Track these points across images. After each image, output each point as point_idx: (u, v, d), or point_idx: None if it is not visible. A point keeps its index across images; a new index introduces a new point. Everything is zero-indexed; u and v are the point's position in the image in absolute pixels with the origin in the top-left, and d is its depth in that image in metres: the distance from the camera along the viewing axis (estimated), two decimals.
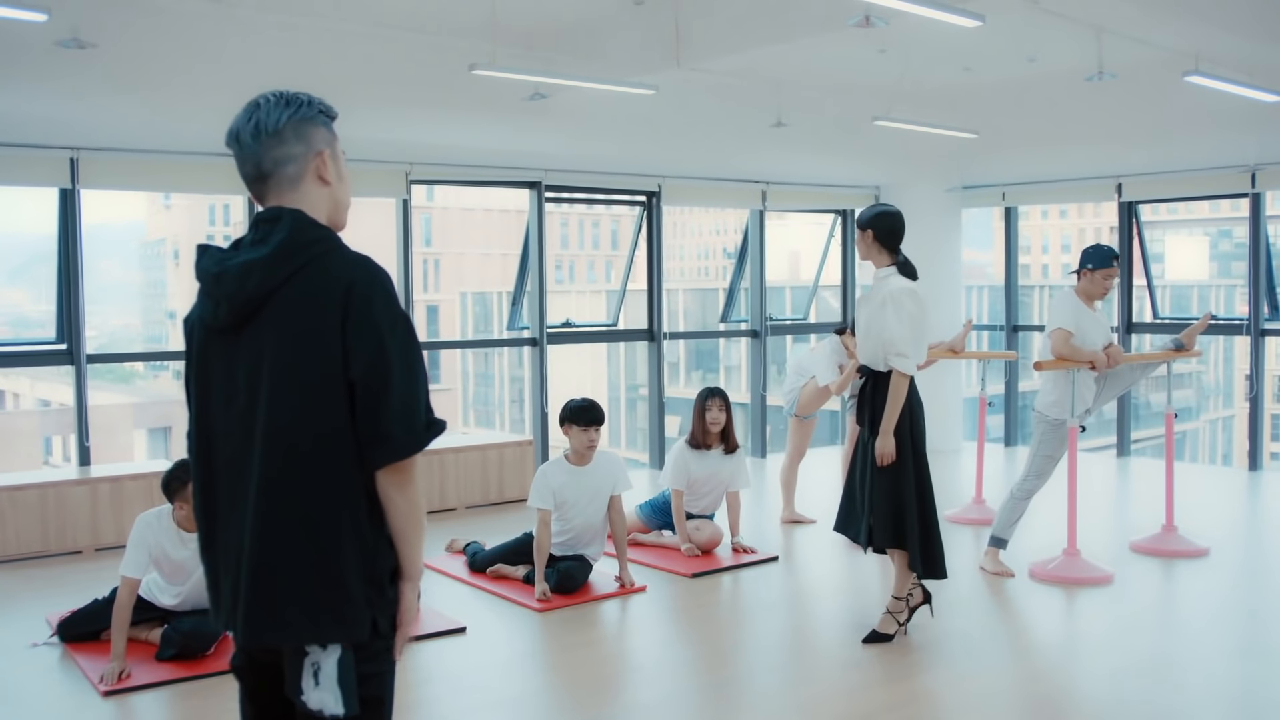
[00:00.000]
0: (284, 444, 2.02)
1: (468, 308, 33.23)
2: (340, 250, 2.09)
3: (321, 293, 2.02)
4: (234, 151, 2.14)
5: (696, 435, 6.46)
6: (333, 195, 2.17)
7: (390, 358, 2.02)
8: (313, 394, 2.01)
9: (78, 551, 6.61)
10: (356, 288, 2.02)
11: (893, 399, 4.70)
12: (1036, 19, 6.19)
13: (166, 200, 29.41)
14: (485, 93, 6.86)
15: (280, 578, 2.03)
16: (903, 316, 4.68)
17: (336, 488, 2.03)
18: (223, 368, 2.10)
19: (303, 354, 2.01)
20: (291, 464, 2.02)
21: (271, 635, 2.05)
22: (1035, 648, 4.95)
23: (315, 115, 2.15)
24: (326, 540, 2.03)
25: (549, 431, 9.09)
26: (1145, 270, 9.89)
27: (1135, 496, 8.58)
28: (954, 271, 10.65)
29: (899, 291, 4.71)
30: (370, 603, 2.07)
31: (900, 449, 4.73)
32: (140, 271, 33.44)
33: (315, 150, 2.14)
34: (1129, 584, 5.80)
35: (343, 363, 2.01)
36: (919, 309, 4.70)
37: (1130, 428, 10.15)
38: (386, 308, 2.04)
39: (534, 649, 5.04)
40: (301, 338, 2.01)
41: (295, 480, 2.02)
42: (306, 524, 2.02)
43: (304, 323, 2.01)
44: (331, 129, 2.19)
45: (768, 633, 5.22)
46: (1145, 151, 9.20)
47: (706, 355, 29.72)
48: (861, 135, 8.87)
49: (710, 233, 45.36)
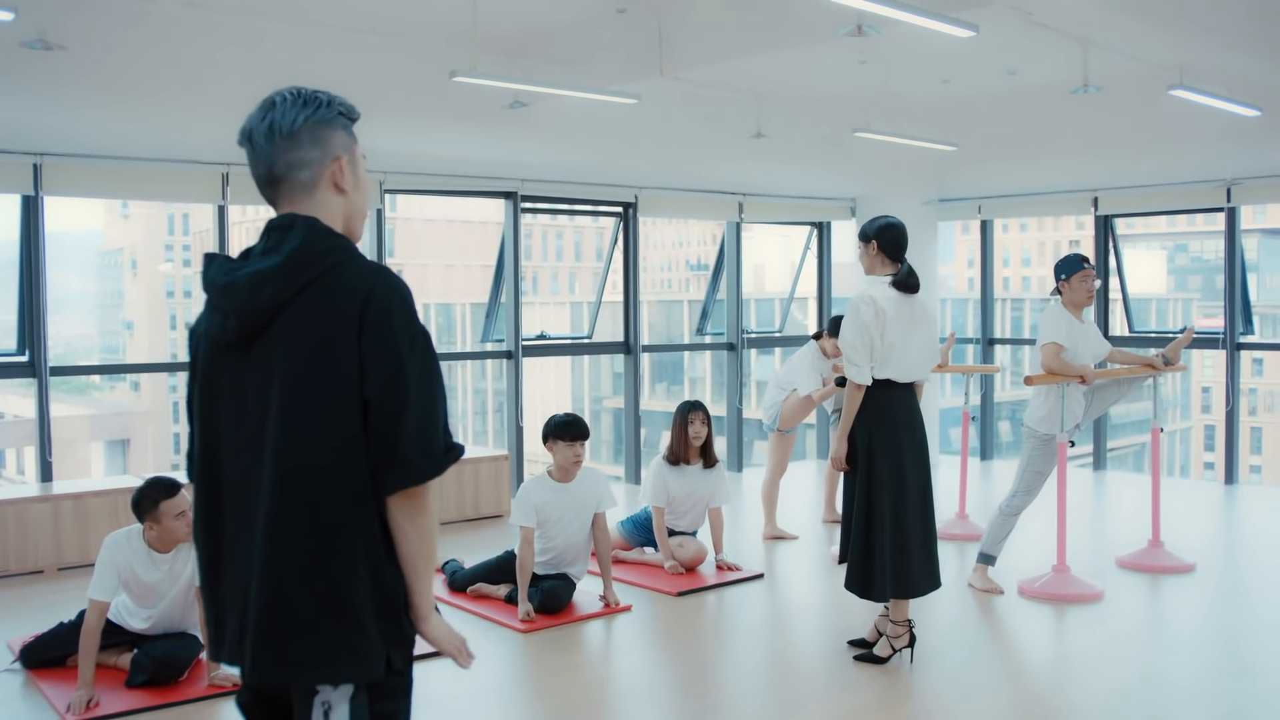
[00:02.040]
0: (296, 466, 1.87)
1: (431, 320, 32.97)
2: (357, 260, 1.95)
3: (336, 305, 1.88)
4: (246, 152, 2.01)
5: (677, 450, 6.34)
6: (349, 204, 2.04)
7: (408, 375, 1.88)
8: (327, 413, 1.87)
9: (39, 571, 6.39)
10: (374, 299, 1.88)
11: (844, 406, 4.67)
12: (1025, 31, 6.15)
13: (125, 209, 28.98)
14: (464, 101, 6.74)
15: (292, 611, 1.88)
16: (854, 324, 4.60)
17: (351, 513, 1.89)
18: (231, 384, 1.96)
19: (316, 370, 1.87)
20: (304, 488, 1.88)
21: (282, 675, 1.91)
22: (1029, 668, 4.87)
23: (334, 117, 2.02)
24: (340, 570, 1.89)
25: (524, 446, 8.95)
26: (1121, 284, 9.90)
27: (1117, 510, 8.56)
28: (930, 284, 10.59)
29: (857, 299, 4.65)
30: (386, 638, 1.94)
31: (856, 461, 4.64)
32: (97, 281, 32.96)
33: (332, 156, 2.01)
34: (1119, 601, 5.74)
35: (358, 379, 1.87)
36: (876, 318, 4.58)
37: (1106, 440, 10.15)
38: (406, 322, 1.90)
39: (518, 673, 4.89)
40: (315, 353, 1.87)
41: (308, 505, 1.88)
42: (319, 553, 1.88)
43: (318, 337, 1.87)
44: (351, 132, 2.06)
45: (755, 654, 5.10)
46: (1122, 165, 9.22)
47: (672, 368, 29.67)
48: (840, 147, 8.83)
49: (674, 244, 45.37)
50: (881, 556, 4.60)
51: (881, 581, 4.62)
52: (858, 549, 4.65)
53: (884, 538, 4.60)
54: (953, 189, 10.44)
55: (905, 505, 4.63)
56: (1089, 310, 5.98)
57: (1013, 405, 24.93)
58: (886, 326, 4.59)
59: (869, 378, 4.60)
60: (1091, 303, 5.82)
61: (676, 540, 6.36)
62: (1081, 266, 5.74)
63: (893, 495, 4.61)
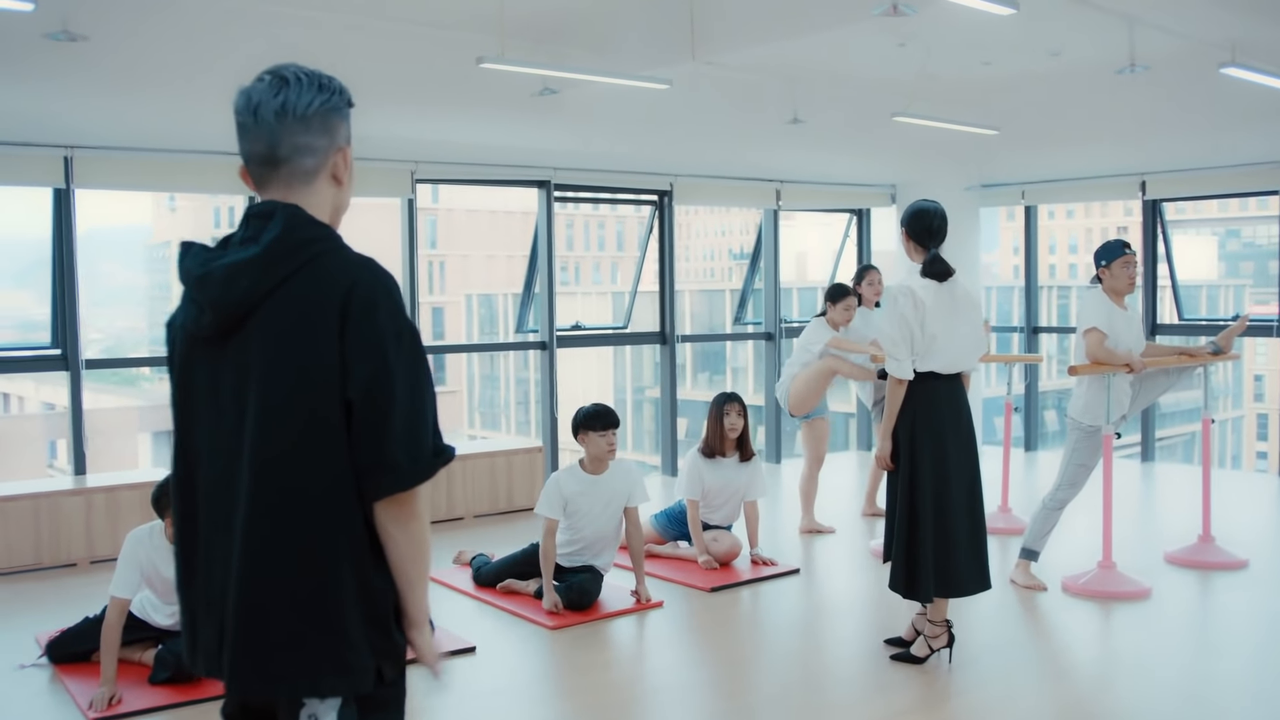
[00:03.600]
0: (274, 468, 1.77)
1: (473, 310, 33.11)
2: (341, 251, 1.84)
3: (318, 298, 1.77)
4: (245, 124, 1.88)
5: (712, 443, 6.21)
6: (341, 196, 1.94)
7: (394, 374, 1.76)
8: (307, 412, 1.76)
9: (72, 564, 6.39)
10: (358, 290, 1.77)
11: (887, 402, 4.51)
12: (1068, 9, 5.96)
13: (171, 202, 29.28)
14: (493, 88, 6.63)
15: (272, 621, 1.78)
16: (893, 316, 4.45)
17: (334, 517, 1.78)
18: (207, 380, 1.85)
19: (296, 367, 1.76)
20: (283, 490, 1.77)
21: (262, 687, 1.82)
22: (1072, 669, 4.69)
23: (344, 106, 1.93)
24: (323, 577, 1.78)
25: (559, 437, 8.86)
26: (1170, 271, 9.63)
27: (1165, 503, 8.33)
28: (972, 272, 10.37)
29: (895, 289, 4.50)
30: (375, 648, 1.83)
31: (899, 458, 4.49)
32: (146, 274, 33.37)
33: (337, 146, 1.91)
34: (1167, 598, 5.55)
35: (340, 378, 1.76)
36: (915, 310, 4.42)
37: (1155, 429, 9.88)
38: (391, 316, 1.79)
39: (547, 670, 4.80)
40: (294, 349, 1.76)
41: (287, 508, 1.77)
42: (300, 558, 1.78)
43: (297, 332, 1.76)
44: (349, 123, 1.96)
45: (790, 652, 4.97)
46: (1171, 148, 8.96)
47: (714, 357, 29.54)
48: (879, 132, 8.64)
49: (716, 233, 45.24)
50: (924, 555, 4.45)
51: (925, 581, 4.47)
52: (900, 548, 4.51)
53: (927, 536, 4.45)
54: (995, 174, 10.22)
55: (949, 502, 4.48)
56: (1134, 299, 5.78)
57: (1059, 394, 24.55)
58: (927, 317, 4.43)
59: (910, 371, 4.45)
60: (1133, 289, 5.60)
61: (711, 534, 6.24)
62: (1123, 252, 5.53)
63: (935, 492, 4.46)
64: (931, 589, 4.47)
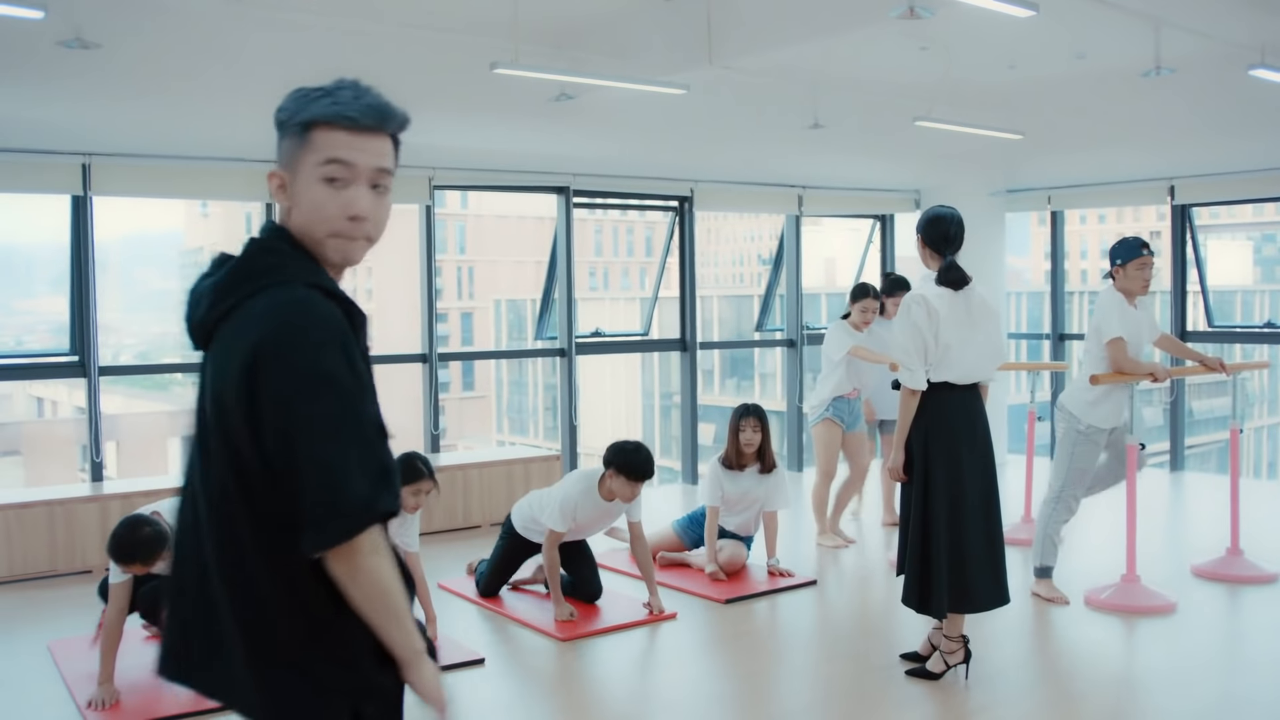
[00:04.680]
0: (217, 494, 1.71)
1: (501, 315, 33.20)
2: (280, 286, 1.71)
3: (241, 336, 1.68)
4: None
5: (730, 455, 6.13)
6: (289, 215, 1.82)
7: (301, 426, 1.62)
8: (230, 449, 1.69)
9: (87, 571, 6.38)
10: (268, 335, 1.66)
11: (900, 413, 4.42)
12: (1092, 11, 5.84)
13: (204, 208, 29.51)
14: (509, 94, 6.59)
15: (221, 642, 1.73)
16: (905, 325, 4.35)
17: (265, 559, 1.70)
18: (197, 396, 1.82)
19: (225, 400, 1.69)
20: (224, 519, 1.71)
21: (223, 699, 1.76)
22: (1094, 686, 4.57)
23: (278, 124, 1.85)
24: (268, 614, 1.71)
25: (577, 445, 8.80)
26: (1200, 277, 9.46)
27: (1193, 514, 8.17)
28: (998, 278, 10.25)
29: (908, 299, 4.40)
30: (342, 688, 1.74)
31: (912, 470, 4.39)
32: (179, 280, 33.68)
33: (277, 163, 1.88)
34: (1193, 613, 5.41)
35: (251, 424, 1.66)
36: (929, 319, 4.33)
37: (1183, 437, 9.71)
38: (306, 362, 1.64)
39: (558, 683, 4.73)
40: (224, 383, 1.69)
41: (226, 546, 1.71)
42: (243, 596, 1.71)
43: (227, 368, 1.69)
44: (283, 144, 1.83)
45: (804, 666, 4.88)
46: (1200, 151, 8.79)
47: (741, 363, 29.43)
48: (901, 137, 8.53)
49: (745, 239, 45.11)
50: (939, 570, 4.35)
51: (939, 595, 4.37)
52: (914, 562, 4.41)
53: (941, 550, 4.34)
54: (1021, 179, 10.08)
55: (964, 515, 4.36)
56: (1149, 298, 5.62)
57: None
58: (941, 326, 4.33)
59: (924, 381, 4.35)
60: (1147, 293, 5.47)
61: (720, 543, 6.16)
62: (1140, 253, 5.36)
63: (950, 505, 4.35)
64: (946, 604, 4.37)
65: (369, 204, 1.77)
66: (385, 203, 1.82)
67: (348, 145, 1.75)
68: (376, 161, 1.78)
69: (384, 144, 1.79)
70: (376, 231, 1.81)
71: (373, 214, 1.78)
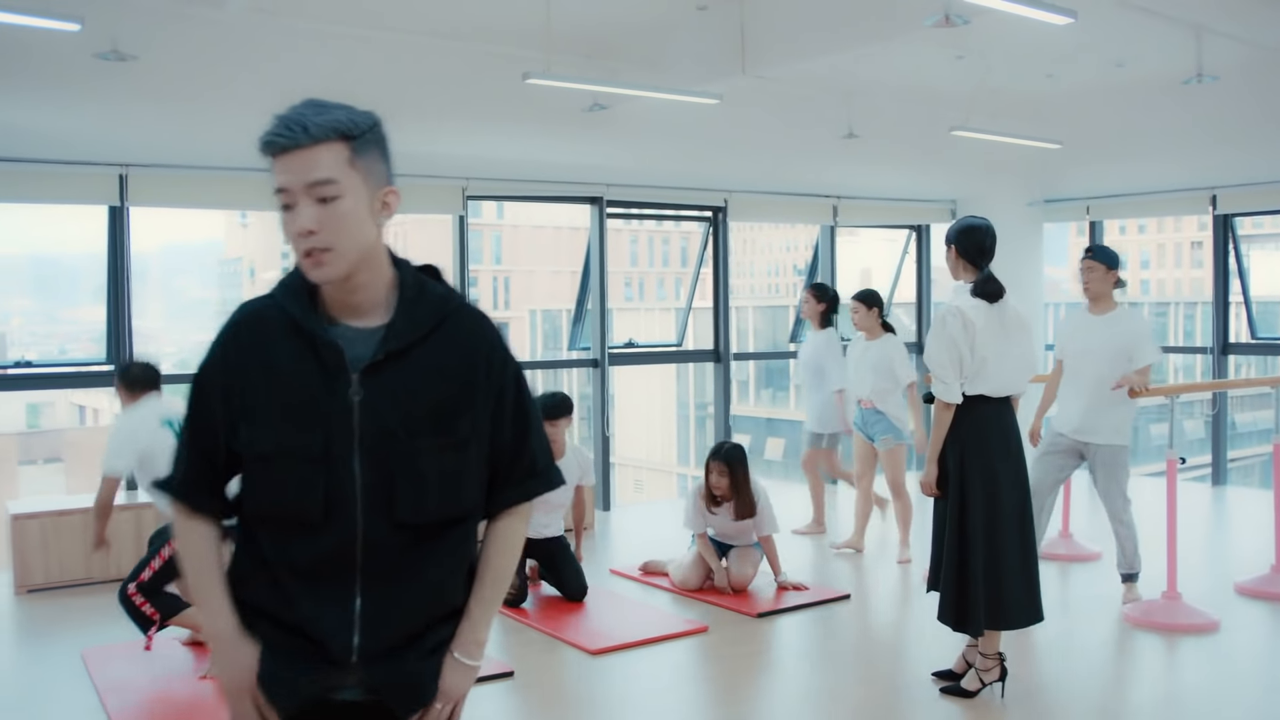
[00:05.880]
0: None
1: (537, 325, 33.25)
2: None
3: None
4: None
5: (705, 497, 6.05)
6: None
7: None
8: None
9: (120, 579, 6.40)
10: None
11: (933, 427, 4.34)
12: (1132, 18, 5.76)
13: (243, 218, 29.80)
14: (543, 104, 6.59)
15: None
16: (941, 339, 4.27)
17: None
18: None
19: None
20: None
21: None
22: (1134, 706, 4.48)
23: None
24: None
25: (610, 455, 8.77)
26: (1243, 288, 9.30)
27: (1236, 530, 8.01)
28: (1035, 289, 10.13)
29: (945, 312, 4.32)
30: None
31: (947, 484, 4.32)
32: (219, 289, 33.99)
33: None
34: (1236, 632, 5.29)
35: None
36: (964, 331, 4.26)
37: (1226, 450, 9.54)
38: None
39: (587, 696, 4.68)
40: None
41: None
42: None
43: None
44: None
45: (839, 683, 4.81)
46: (1242, 160, 8.65)
47: (777, 374, 29.30)
48: (937, 146, 8.45)
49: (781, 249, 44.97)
50: (975, 586, 4.28)
51: (976, 613, 4.29)
52: (950, 578, 4.34)
53: (978, 566, 4.27)
54: (1059, 189, 9.96)
55: (1001, 531, 4.29)
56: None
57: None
58: (976, 339, 4.27)
59: (959, 395, 4.28)
60: (1095, 300, 5.71)
61: (736, 552, 6.12)
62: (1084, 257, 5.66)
63: (986, 520, 4.27)
64: (983, 621, 4.30)
65: (311, 218, 1.75)
66: (340, 210, 1.76)
67: (280, 170, 1.76)
68: (307, 176, 1.74)
69: (315, 155, 1.74)
70: (338, 241, 1.77)
71: (322, 225, 1.75)
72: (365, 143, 1.79)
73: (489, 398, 1.90)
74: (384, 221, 1.84)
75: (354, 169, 1.77)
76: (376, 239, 1.83)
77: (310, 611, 1.83)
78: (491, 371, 1.90)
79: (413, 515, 1.83)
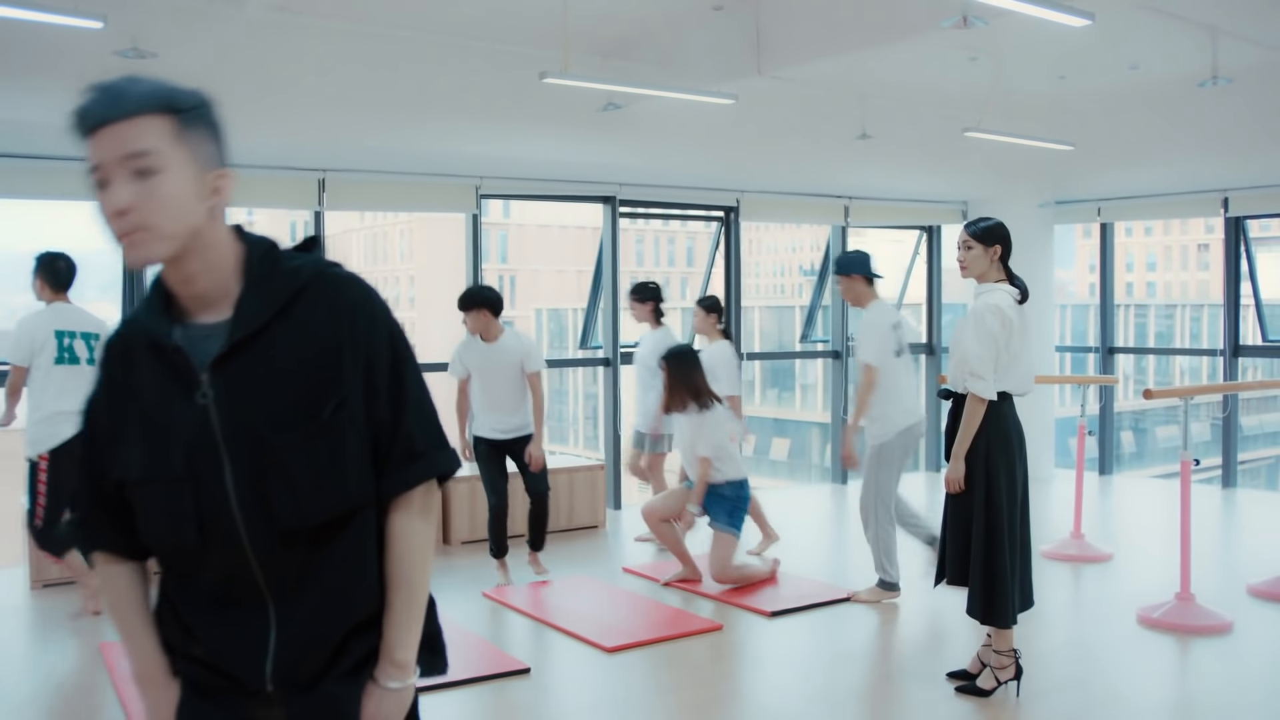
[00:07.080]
0: None
1: (543, 324, 33.29)
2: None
3: None
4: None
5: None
6: None
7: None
8: None
9: None
10: None
11: (965, 423, 4.35)
12: (1147, 20, 5.78)
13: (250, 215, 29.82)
14: (557, 103, 6.61)
15: None
16: (983, 335, 4.29)
17: None
18: None
19: None
20: None
21: None
22: (1148, 706, 4.49)
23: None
24: None
25: (621, 454, 8.79)
26: (1254, 290, 9.31)
27: (1248, 532, 8.02)
28: (1046, 291, 10.14)
29: (984, 307, 4.34)
30: None
31: (973, 479, 4.35)
32: None
33: None
34: (1249, 633, 5.31)
35: None
36: (1003, 329, 4.29)
37: (1236, 453, 9.54)
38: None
39: (604, 694, 4.71)
40: None
41: None
42: None
43: None
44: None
45: (854, 682, 4.83)
46: (1255, 163, 8.66)
47: (783, 374, 29.32)
48: (950, 147, 8.48)
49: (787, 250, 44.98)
50: (1006, 579, 4.34)
51: (1006, 604, 4.35)
52: (979, 571, 4.37)
53: (1005, 558, 4.34)
54: (1070, 190, 9.97)
55: (1024, 524, 4.42)
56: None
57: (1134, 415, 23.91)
58: (1011, 337, 4.32)
59: (994, 391, 4.33)
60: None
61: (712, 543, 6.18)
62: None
63: (1009, 513, 4.35)
64: (1013, 612, 4.35)
65: (126, 196, 1.55)
66: (159, 187, 1.56)
67: (95, 146, 1.56)
68: (122, 149, 1.55)
69: (133, 126, 1.55)
70: (155, 220, 1.57)
71: (138, 203, 1.56)
72: (192, 118, 1.60)
73: (357, 370, 1.67)
74: (218, 207, 1.65)
75: (178, 144, 1.58)
76: (207, 223, 1.63)
77: (218, 644, 1.68)
78: (356, 338, 1.67)
79: (294, 520, 1.63)
